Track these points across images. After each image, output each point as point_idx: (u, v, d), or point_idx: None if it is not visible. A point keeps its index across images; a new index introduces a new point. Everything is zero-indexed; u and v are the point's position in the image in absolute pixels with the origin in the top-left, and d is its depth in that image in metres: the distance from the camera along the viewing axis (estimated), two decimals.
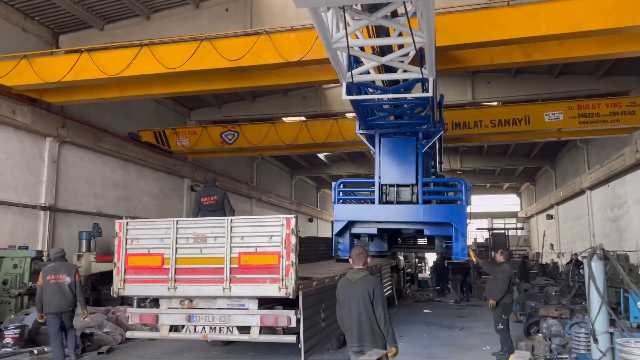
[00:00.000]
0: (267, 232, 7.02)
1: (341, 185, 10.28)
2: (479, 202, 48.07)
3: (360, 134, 10.28)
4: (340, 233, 9.95)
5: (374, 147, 10.15)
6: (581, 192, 25.37)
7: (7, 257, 12.30)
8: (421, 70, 7.18)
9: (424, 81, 7.92)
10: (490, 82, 20.15)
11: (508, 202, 49.19)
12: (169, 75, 11.56)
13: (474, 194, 38.70)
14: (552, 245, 31.21)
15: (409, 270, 23.69)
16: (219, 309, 7.23)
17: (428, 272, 27.80)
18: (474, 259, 9.22)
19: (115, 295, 7.47)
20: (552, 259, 28.38)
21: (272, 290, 6.87)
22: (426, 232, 9.76)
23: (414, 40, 5.87)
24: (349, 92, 7.54)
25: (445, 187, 10.98)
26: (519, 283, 16.11)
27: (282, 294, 6.79)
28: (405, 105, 9.28)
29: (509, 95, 19.82)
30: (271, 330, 7.67)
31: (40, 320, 8.18)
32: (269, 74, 12.14)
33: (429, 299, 19.29)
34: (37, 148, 14.85)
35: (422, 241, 13.47)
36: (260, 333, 7.08)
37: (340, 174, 33.22)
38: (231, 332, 7.19)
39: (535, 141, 25.15)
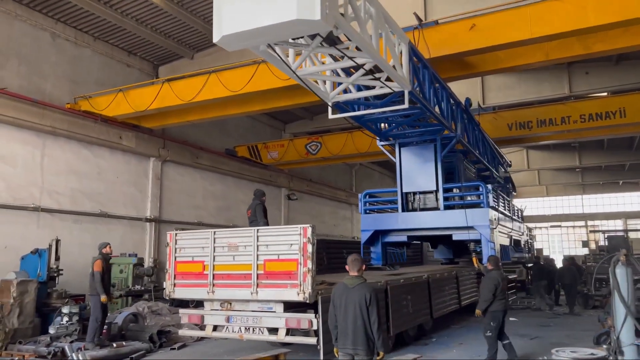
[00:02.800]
0: (288, 240, 7.59)
1: (367, 196, 10.55)
2: (612, 201, 43.95)
3: (381, 145, 10.45)
4: (371, 242, 10.19)
5: (394, 158, 10.29)
6: None
7: (115, 263, 14.27)
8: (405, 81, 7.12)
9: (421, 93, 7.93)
10: (589, 72, 18.66)
11: None
12: (237, 97, 12.64)
13: (603, 191, 35.91)
14: None
15: (513, 276, 22.56)
16: (252, 311, 7.96)
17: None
18: (476, 265, 8.89)
19: (167, 298, 8.55)
20: None
21: (292, 294, 7.42)
22: (454, 237, 9.61)
23: (356, 63, 6.10)
24: (334, 112, 7.91)
25: (466, 192, 10.59)
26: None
27: (300, 298, 7.31)
28: (402, 118, 9.25)
29: (611, 85, 18.18)
30: (304, 332, 8.21)
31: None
32: None
33: (527, 307, 18.29)
34: (142, 167, 16.98)
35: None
36: (287, 334, 7.67)
37: None
38: (262, 333, 7.86)
39: None
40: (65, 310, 10.50)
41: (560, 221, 46.96)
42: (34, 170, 13.63)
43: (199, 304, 8.75)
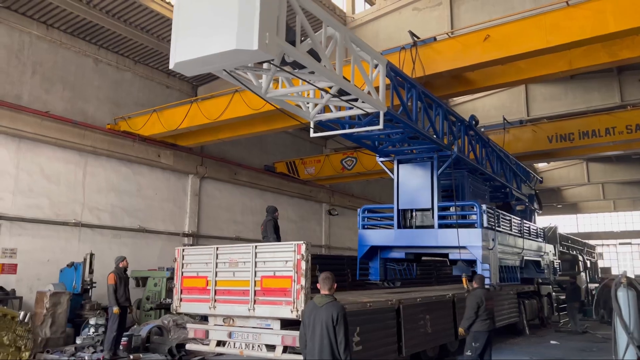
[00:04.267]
0: (283, 257, 7.59)
1: (365, 212, 10.41)
2: None
3: (380, 161, 10.30)
4: (369, 258, 10.04)
5: (393, 174, 10.10)
6: None
7: (150, 277, 14.84)
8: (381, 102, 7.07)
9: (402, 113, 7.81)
10: None
11: None
12: (262, 115, 12.88)
13: None
14: None
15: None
16: (252, 327, 8.00)
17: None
18: (465, 286, 8.47)
19: (174, 312, 8.77)
20: None
21: (286, 312, 7.40)
22: (451, 256, 9.28)
23: (316, 86, 6.11)
24: (315, 131, 7.92)
25: (459, 211, 10.18)
26: None
27: (293, 316, 7.27)
28: (396, 135, 9.06)
29: None
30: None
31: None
32: None
33: (573, 330, 17.22)
34: (181, 184, 17.61)
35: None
36: (284, 352, 7.65)
37: None
38: (261, 350, 7.86)
39: None
40: (92, 321, 11.03)
41: (630, 238, 44.08)
42: (76, 188, 14.48)
43: (205, 318, 8.91)
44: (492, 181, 12.37)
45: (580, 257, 27.38)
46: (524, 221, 13.05)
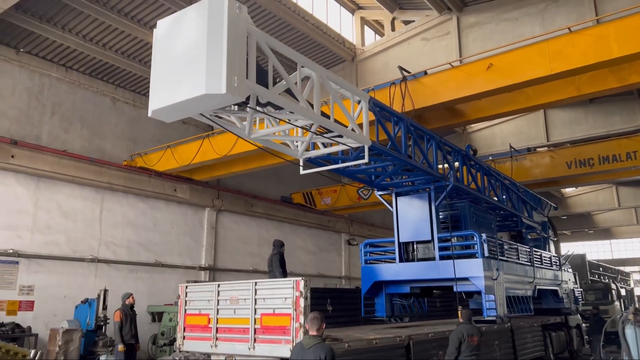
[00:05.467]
0: (282, 294, 7.47)
1: (367, 246, 10.26)
2: None
3: (379, 195, 10.20)
4: (375, 293, 9.84)
5: (392, 207, 9.95)
6: None
7: (165, 312, 14.85)
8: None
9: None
10: None
11: None
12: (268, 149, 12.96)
13: None
14: None
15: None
16: None
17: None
18: (461, 319, 8.19)
19: (177, 351, 8.71)
20: None
21: (285, 351, 7.21)
22: (455, 289, 9.03)
23: (295, 125, 6.22)
24: (305, 167, 7.95)
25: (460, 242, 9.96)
26: None
27: None
28: (390, 168, 9.01)
29: None
30: None
31: None
32: None
33: None
34: (197, 217, 17.75)
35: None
36: None
37: None
38: None
39: None
40: (102, 358, 11.04)
41: None
42: (93, 224, 14.74)
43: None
44: (499, 210, 12.09)
45: (613, 285, 26.33)
46: (535, 249, 12.66)
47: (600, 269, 29.50)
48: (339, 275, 23.34)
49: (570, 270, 18.52)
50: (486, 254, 9.02)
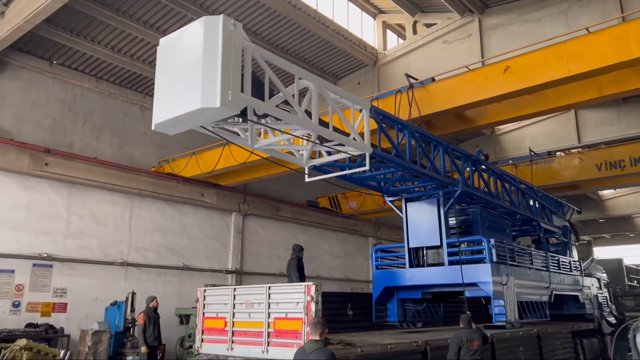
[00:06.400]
0: (295, 299, 7.58)
1: (378, 252, 10.30)
2: None
3: (389, 201, 10.21)
4: (387, 299, 9.92)
5: (401, 213, 9.96)
6: None
7: (192, 315, 15.17)
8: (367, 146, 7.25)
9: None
10: None
11: None
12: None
13: None
14: None
15: None
16: None
17: None
18: (461, 324, 8.13)
19: (196, 353, 8.94)
20: None
21: None
22: (467, 294, 8.98)
23: (295, 135, 6.46)
24: (310, 176, 8.13)
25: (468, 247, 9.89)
26: None
27: None
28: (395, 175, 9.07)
29: None
30: None
31: None
32: None
33: None
34: (224, 222, 18.08)
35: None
36: None
37: None
38: None
39: None
40: (129, 359, 11.40)
41: None
42: (123, 229, 15.23)
43: None
44: (515, 215, 11.93)
45: None
46: (553, 254, 12.43)
47: None
48: (367, 280, 23.31)
49: (602, 274, 17.99)
50: (494, 259, 8.96)
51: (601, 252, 42.47)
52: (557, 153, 17.52)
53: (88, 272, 14.22)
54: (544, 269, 11.38)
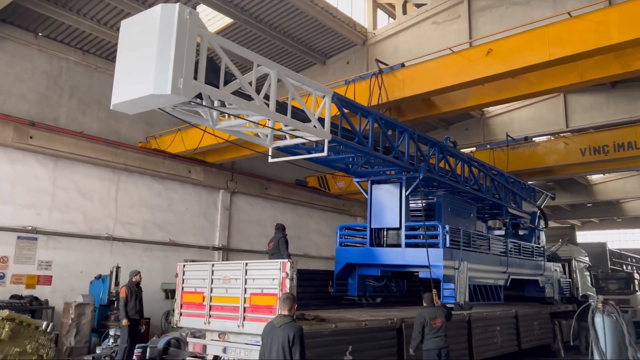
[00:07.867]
0: (270, 275, 7.73)
1: (343, 229, 11.40)
2: None
3: (356, 182, 10.88)
4: (348, 274, 10.67)
5: (367, 194, 10.59)
6: None
7: None
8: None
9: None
10: None
11: None
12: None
13: None
14: None
15: None
16: (244, 343, 8.16)
17: None
18: (424, 304, 8.41)
19: (174, 327, 9.08)
20: None
21: None
22: (420, 275, 9.54)
23: (251, 121, 6.61)
24: (273, 156, 8.27)
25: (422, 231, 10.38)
26: None
27: None
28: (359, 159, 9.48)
29: None
30: None
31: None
32: None
33: None
34: (212, 199, 18.15)
35: None
36: None
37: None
38: None
39: None
40: (111, 332, 11.57)
41: None
42: (109, 203, 15.27)
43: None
44: (483, 200, 12.22)
45: (636, 275, 25.78)
46: (513, 240, 12.83)
47: (628, 258, 28.91)
48: None
49: (585, 257, 18.25)
50: (447, 244, 9.40)
51: (588, 236, 43.00)
52: (540, 138, 17.62)
53: (73, 246, 14.30)
54: (502, 254, 11.74)
